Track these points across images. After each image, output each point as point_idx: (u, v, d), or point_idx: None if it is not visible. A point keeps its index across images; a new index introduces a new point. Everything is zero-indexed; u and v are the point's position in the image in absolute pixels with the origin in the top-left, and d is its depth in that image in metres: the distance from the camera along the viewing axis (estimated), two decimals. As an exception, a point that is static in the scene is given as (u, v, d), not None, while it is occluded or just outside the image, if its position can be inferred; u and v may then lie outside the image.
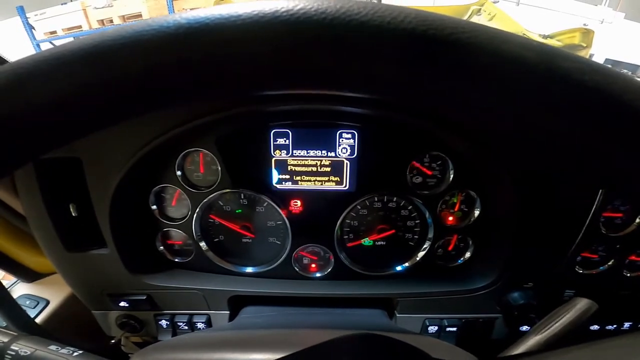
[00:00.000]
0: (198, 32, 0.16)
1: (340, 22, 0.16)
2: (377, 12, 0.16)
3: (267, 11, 0.16)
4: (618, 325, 0.59)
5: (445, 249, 0.60)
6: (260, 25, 0.16)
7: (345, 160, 0.54)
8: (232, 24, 0.16)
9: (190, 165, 0.55)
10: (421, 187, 0.56)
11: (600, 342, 0.21)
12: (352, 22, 0.16)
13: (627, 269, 0.55)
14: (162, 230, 0.58)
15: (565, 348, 0.21)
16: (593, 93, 0.16)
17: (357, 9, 0.16)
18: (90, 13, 4.41)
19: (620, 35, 2.25)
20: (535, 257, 0.53)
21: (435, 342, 0.42)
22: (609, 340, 0.21)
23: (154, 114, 0.46)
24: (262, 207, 0.57)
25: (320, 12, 0.16)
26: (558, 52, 0.16)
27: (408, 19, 0.16)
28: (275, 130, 0.52)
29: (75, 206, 0.51)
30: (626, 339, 0.21)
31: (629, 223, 0.51)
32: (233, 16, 0.16)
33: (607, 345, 0.20)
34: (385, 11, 0.16)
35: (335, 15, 0.16)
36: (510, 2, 2.15)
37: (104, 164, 0.47)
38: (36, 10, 4.61)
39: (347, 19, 0.15)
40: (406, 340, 0.36)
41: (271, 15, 0.16)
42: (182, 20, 0.16)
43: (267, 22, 0.16)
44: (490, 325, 0.59)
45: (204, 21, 0.16)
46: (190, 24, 0.16)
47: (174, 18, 0.17)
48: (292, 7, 0.16)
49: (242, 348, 0.37)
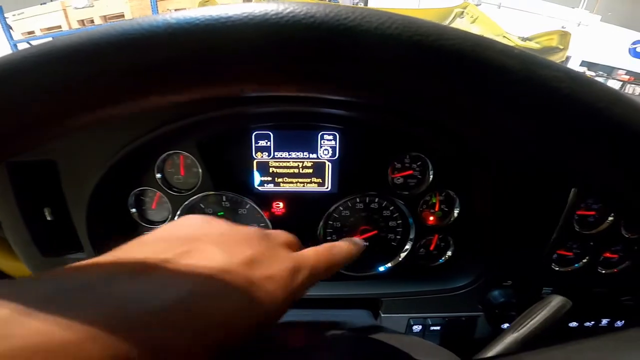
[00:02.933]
0: (187, 32, 0.16)
1: (328, 27, 0.16)
2: (365, 18, 0.16)
3: (257, 13, 0.16)
4: (596, 322, 0.61)
5: (427, 248, 0.61)
6: (249, 28, 0.16)
7: (327, 161, 0.54)
8: (222, 25, 0.16)
9: (170, 167, 0.54)
10: (402, 187, 0.56)
11: (575, 343, 0.21)
12: (340, 27, 0.16)
13: (601, 266, 0.57)
14: (142, 234, 0.57)
15: (539, 349, 0.22)
16: (568, 100, 0.16)
17: (346, 14, 0.16)
18: (71, 13, 4.28)
19: (596, 38, 2.33)
20: (514, 256, 0.54)
21: (417, 342, 0.43)
22: (584, 342, 0.21)
23: (133, 116, 0.45)
24: (244, 210, 0.57)
25: (309, 16, 0.16)
26: (538, 60, 0.17)
27: (395, 24, 0.16)
28: (257, 132, 0.52)
29: (50, 210, 0.49)
30: (600, 341, 0.21)
31: (601, 221, 0.53)
32: (223, 17, 0.16)
33: (581, 347, 0.20)
34: (373, 17, 0.16)
35: (324, 20, 0.16)
36: (492, 5, 2.20)
37: (80, 167, 0.46)
38: (14, 10, 4.47)
39: (336, 23, 0.16)
40: (390, 340, 0.36)
41: (260, 18, 0.16)
42: (171, 20, 0.16)
43: (256, 25, 0.16)
44: (473, 323, 0.59)
45: (193, 22, 0.16)
46: (179, 24, 0.16)
47: (163, 17, 0.17)
48: (282, 10, 0.16)
49: None
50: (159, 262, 0.20)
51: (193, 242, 0.22)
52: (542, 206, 0.50)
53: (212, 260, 0.21)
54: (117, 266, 0.19)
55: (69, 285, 0.17)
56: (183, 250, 0.21)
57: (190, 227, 0.25)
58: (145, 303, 0.17)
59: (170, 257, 0.20)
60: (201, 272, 0.20)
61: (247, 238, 0.24)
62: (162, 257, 0.20)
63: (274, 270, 0.23)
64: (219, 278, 0.20)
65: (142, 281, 0.18)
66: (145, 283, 0.18)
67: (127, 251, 0.21)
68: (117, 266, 0.19)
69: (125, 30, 0.17)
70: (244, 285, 0.20)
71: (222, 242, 0.23)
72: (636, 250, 0.55)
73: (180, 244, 0.22)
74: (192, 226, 0.25)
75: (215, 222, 0.26)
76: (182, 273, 0.19)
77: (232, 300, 0.19)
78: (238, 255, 0.22)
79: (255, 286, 0.21)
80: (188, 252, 0.21)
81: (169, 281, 0.19)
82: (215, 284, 0.20)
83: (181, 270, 0.20)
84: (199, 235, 0.23)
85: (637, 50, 2.10)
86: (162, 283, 0.18)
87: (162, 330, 0.16)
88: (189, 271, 0.20)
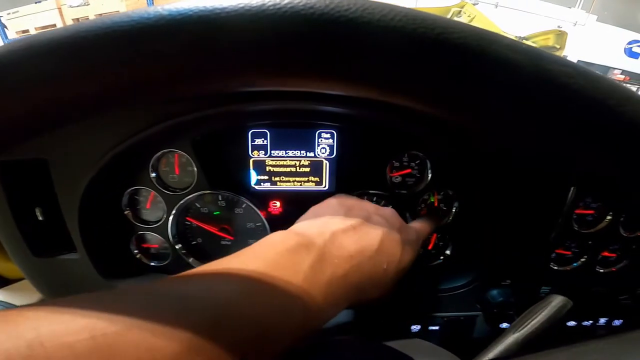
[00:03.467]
0: (180, 24, 0.16)
1: (328, 18, 0.15)
2: (367, 9, 0.15)
3: (254, 4, 0.15)
4: (594, 322, 0.61)
5: (426, 248, 0.60)
6: (245, 19, 0.15)
7: (325, 160, 0.53)
8: (217, 17, 0.15)
9: (165, 166, 0.53)
10: (400, 186, 0.56)
11: (580, 345, 0.20)
12: (340, 19, 0.15)
13: (599, 265, 0.57)
14: (136, 234, 0.56)
15: (544, 352, 0.21)
16: (578, 97, 0.16)
17: (347, 5, 0.15)
18: (66, 11, 4.24)
19: (592, 38, 2.34)
20: (512, 255, 0.53)
21: (418, 344, 0.42)
22: (588, 343, 0.21)
23: (127, 113, 0.44)
24: (240, 209, 0.56)
25: (309, 7, 0.15)
26: (545, 55, 0.16)
27: (398, 17, 0.15)
28: (253, 131, 0.52)
29: (41, 210, 0.48)
30: (604, 343, 0.20)
31: (600, 220, 0.53)
32: (217, 8, 0.16)
33: (586, 349, 0.20)
34: (375, 8, 0.15)
35: (323, 11, 0.15)
36: (489, 4, 2.20)
37: (71, 166, 0.45)
38: (9, 8, 4.42)
39: (336, 14, 0.15)
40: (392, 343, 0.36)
41: (257, 9, 0.15)
42: (163, 12, 0.16)
43: (252, 16, 0.15)
44: (472, 323, 0.59)
45: (186, 13, 0.16)
46: (172, 16, 0.16)
47: (155, 9, 0.16)
48: (280, 1, 0.15)
49: None
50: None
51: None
52: (541, 205, 0.50)
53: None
54: (339, 223, 0.35)
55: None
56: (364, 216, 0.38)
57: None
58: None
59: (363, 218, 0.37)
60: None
61: (392, 212, 0.43)
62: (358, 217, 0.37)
63: (411, 237, 0.41)
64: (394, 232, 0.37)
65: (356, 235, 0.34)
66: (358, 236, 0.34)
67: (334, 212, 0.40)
68: (338, 224, 0.35)
69: (115, 22, 0.16)
70: (402, 241, 0.37)
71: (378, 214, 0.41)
72: (634, 249, 0.55)
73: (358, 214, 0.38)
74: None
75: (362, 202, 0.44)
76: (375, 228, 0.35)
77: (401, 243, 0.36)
78: (395, 223, 0.40)
79: (407, 243, 0.38)
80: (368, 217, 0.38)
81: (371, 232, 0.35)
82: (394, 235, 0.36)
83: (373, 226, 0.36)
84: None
85: (633, 50, 2.11)
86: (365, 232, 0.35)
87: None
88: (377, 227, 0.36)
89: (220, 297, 0.21)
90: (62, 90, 0.17)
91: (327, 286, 0.28)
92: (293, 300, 0.25)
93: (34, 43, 0.16)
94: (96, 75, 0.16)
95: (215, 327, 0.18)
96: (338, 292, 0.29)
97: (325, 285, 0.28)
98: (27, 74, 0.16)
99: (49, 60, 0.16)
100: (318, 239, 0.31)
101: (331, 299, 0.29)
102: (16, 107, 0.17)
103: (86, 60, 0.16)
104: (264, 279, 0.24)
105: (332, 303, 0.29)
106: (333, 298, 0.29)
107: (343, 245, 0.32)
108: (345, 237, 0.33)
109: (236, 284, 0.23)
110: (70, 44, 0.16)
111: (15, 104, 0.17)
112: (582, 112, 0.16)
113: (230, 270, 0.25)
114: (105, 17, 0.16)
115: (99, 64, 0.16)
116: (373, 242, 0.33)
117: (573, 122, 0.16)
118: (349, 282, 0.30)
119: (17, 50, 0.16)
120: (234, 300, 0.21)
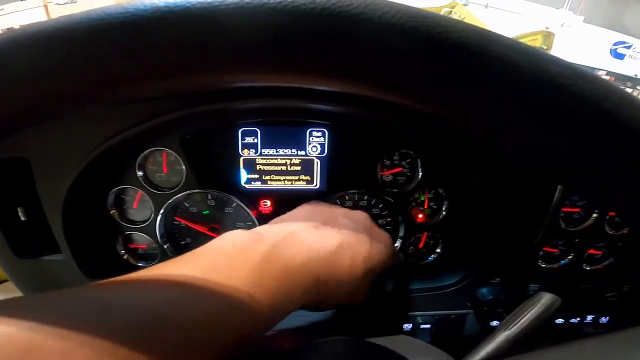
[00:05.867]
0: (177, 16, 0.15)
1: (329, 14, 0.15)
2: (369, 6, 0.15)
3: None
4: (581, 319, 0.62)
5: (416, 246, 0.61)
6: (245, 13, 0.15)
7: (316, 158, 0.53)
8: (215, 9, 0.15)
9: (152, 165, 0.52)
10: (391, 185, 0.56)
11: (575, 344, 0.20)
12: (341, 14, 0.15)
13: (586, 263, 0.58)
14: (123, 234, 0.55)
15: (539, 351, 0.21)
16: (576, 98, 0.16)
17: (349, 1, 0.15)
18: (52, 9, 4.13)
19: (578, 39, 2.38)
20: (502, 253, 0.54)
21: (411, 342, 0.42)
22: (584, 342, 0.21)
23: (113, 110, 0.43)
24: (230, 208, 0.55)
25: (310, 1, 0.15)
26: (545, 56, 0.16)
27: (399, 14, 0.15)
28: (244, 129, 0.51)
29: (24, 210, 0.47)
30: (600, 342, 0.21)
31: (586, 217, 0.54)
32: (216, 1, 0.15)
33: (582, 348, 0.20)
34: (377, 5, 0.15)
35: (325, 6, 0.15)
36: (479, 5, 2.23)
37: (54, 165, 0.44)
38: (-6, 6, 4.29)
39: (337, 10, 0.15)
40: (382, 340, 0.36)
41: (257, 2, 0.15)
42: (160, 4, 0.15)
43: (252, 9, 0.15)
44: (462, 321, 0.60)
45: (184, 5, 0.15)
46: (168, 8, 0.15)
47: (152, 1, 0.15)
48: None
49: None
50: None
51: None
52: (529, 203, 0.51)
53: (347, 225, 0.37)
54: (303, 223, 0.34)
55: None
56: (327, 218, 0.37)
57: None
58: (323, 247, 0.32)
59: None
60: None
61: (362, 215, 0.42)
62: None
63: (381, 237, 0.39)
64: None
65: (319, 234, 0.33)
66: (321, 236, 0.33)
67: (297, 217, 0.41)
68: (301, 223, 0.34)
69: (109, 14, 0.15)
70: (371, 241, 0.36)
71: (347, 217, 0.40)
72: (620, 246, 0.56)
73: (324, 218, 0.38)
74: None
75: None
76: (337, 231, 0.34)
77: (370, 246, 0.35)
78: (363, 223, 0.40)
79: (378, 243, 0.36)
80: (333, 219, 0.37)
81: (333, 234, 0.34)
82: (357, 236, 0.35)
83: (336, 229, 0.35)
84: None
85: (618, 51, 2.16)
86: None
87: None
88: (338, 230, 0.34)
89: (148, 304, 0.20)
90: (52, 85, 0.16)
91: (281, 277, 0.27)
92: (230, 302, 0.24)
93: (21, 36, 0.16)
94: (85, 69, 0.16)
95: (139, 334, 0.18)
96: (294, 282, 0.29)
97: (279, 277, 0.27)
98: (20, 68, 0.16)
99: (40, 53, 0.16)
100: (273, 235, 0.30)
101: (284, 290, 0.28)
102: (14, 99, 0.16)
103: (77, 53, 0.16)
104: (199, 283, 0.23)
105: (287, 294, 0.28)
106: (287, 289, 0.28)
107: (301, 239, 0.31)
108: (305, 234, 0.32)
109: (167, 291, 0.22)
110: (60, 35, 0.15)
111: (12, 97, 0.16)
112: (579, 113, 0.16)
113: (166, 276, 0.24)
114: (98, 9, 0.16)
115: (92, 57, 0.16)
116: (334, 239, 0.33)
117: (569, 122, 0.16)
118: (307, 272, 0.29)
119: (18, 39, 0.16)
120: (160, 308, 0.20)
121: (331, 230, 0.34)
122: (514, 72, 0.16)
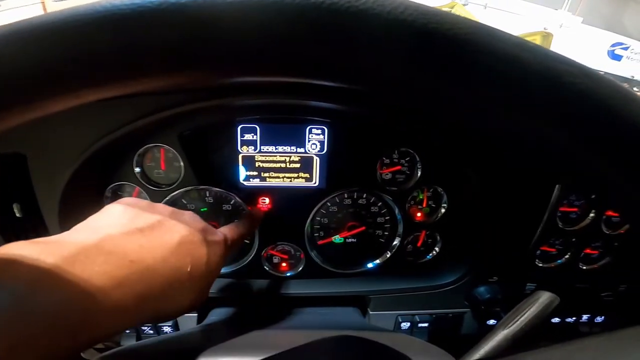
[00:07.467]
0: (183, 8, 0.15)
1: (338, 9, 0.15)
2: (378, 1, 0.15)
3: None
4: (577, 318, 0.62)
5: (415, 245, 0.61)
6: (251, 6, 0.15)
7: (315, 156, 0.53)
8: (221, 2, 0.15)
9: (150, 161, 0.52)
10: (390, 183, 0.56)
11: (576, 342, 0.21)
12: (350, 9, 0.15)
13: (582, 262, 0.58)
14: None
15: (539, 349, 0.21)
16: (582, 96, 0.16)
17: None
18: (50, 6, 4.09)
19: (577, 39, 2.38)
20: (499, 252, 0.54)
21: (410, 340, 0.42)
22: (584, 340, 0.21)
23: (110, 106, 0.43)
24: (229, 205, 0.55)
25: None
26: (553, 54, 0.16)
27: (409, 10, 0.15)
28: (243, 126, 0.50)
29: (19, 206, 0.46)
30: (601, 340, 0.21)
31: (583, 217, 0.54)
32: None
33: (582, 346, 0.20)
34: (386, 0, 0.15)
35: (333, 1, 0.15)
36: (479, 5, 2.22)
37: (51, 161, 0.43)
38: (-10, 2, 4.25)
39: (346, 5, 0.15)
40: (382, 339, 0.36)
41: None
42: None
43: (258, 2, 0.15)
44: (460, 320, 0.60)
45: None
46: (168, 1, 0.15)
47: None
48: None
49: (213, 352, 0.35)
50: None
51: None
52: (527, 203, 0.51)
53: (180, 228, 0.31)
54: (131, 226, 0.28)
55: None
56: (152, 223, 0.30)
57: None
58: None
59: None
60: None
61: (191, 215, 0.35)
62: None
63: (217, 237, 0.35)
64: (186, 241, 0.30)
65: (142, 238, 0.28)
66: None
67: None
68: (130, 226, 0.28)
69: (107, 8, 0.15)
70: (208, 242, 0.32)
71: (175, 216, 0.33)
72: (616, 246, 0.56)
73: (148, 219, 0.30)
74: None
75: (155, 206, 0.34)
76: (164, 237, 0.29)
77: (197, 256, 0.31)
78: (196, 225, 0.33)
79: (214, 244, 0.33)
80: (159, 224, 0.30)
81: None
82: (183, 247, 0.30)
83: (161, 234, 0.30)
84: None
85: (616, 52, 2.16)
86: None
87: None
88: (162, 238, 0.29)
89: None
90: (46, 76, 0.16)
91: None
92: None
93: (23, 28, 0.15)
94: (87, 62, 0.16)
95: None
96: (116, 304, 0.23)
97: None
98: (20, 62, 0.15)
99: (37, 45, 0.15)
100: (75, 246, 0.23)
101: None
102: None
103: (76, 45, 0.15)
104: None
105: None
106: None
107: (123, 247, 0.25)
108: (128, 241, 0.26)
109: None
110: (62, 27, 0.15)
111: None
112: (586, 112, 0.16)
113: None
114: (96, 4, 0.15)
115: (93, 50, 0.15)
116: (168, 245, 0.28)
117: (576, 122, 0.16)
118: (135, 294, 0.24)
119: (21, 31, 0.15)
120: None
121: (162, 234, 0.29)
122: (522, 70, 0.16)
